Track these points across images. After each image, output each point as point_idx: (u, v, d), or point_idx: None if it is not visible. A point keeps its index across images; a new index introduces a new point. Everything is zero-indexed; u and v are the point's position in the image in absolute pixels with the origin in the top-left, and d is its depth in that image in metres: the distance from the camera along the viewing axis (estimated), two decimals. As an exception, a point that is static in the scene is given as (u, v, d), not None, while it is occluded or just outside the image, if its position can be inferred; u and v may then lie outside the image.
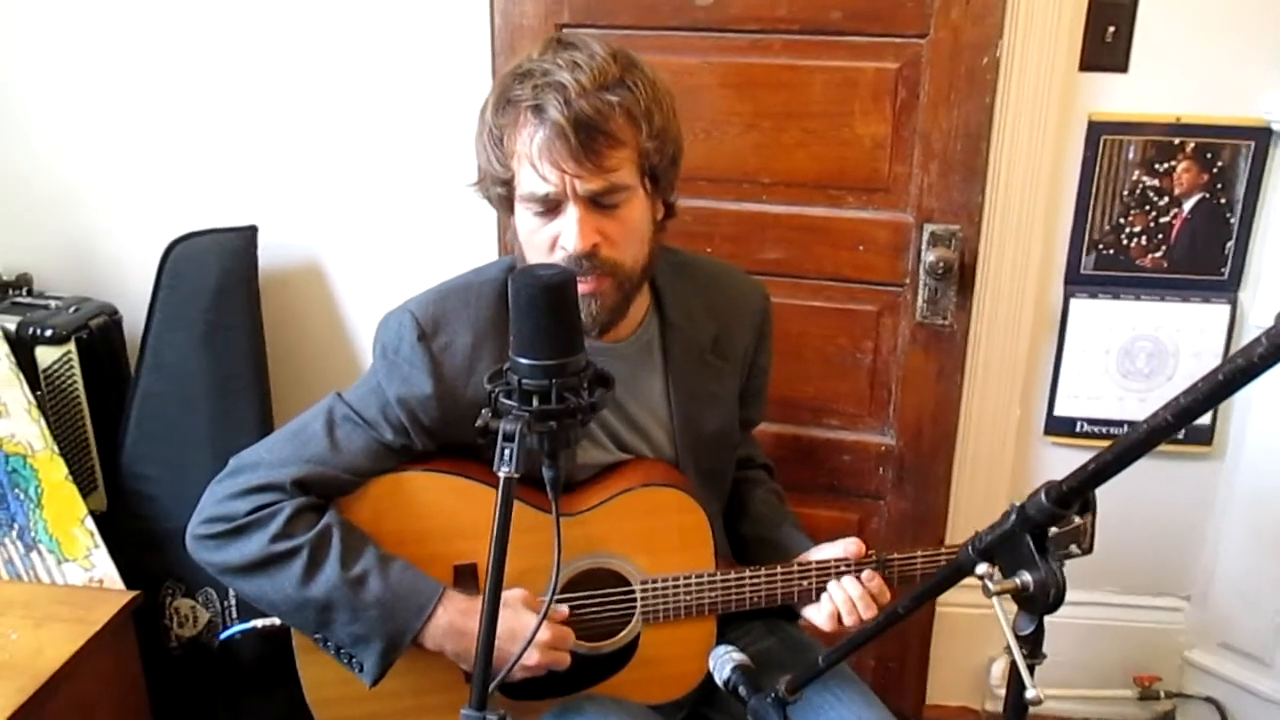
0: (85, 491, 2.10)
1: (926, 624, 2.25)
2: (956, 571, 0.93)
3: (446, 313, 1.42)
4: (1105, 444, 2.09)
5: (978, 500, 2.21)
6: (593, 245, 1.31)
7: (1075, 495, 0.82)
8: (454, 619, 1.37)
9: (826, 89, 1.98)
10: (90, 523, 1.95)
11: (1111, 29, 1.94)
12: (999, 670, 2.31)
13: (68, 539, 1.93)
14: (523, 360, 1.10)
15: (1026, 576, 0.87)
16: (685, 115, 1.99)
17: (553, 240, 1.32)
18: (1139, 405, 2.13)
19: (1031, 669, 0.90)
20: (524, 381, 1.10)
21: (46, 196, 2.31)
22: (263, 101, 2.19)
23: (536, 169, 1.29)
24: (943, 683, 2.34)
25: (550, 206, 1.32)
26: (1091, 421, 2.15)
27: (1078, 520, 1.51)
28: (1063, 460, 2.17)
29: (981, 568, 0.89)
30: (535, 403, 1.10)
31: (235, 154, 2.23)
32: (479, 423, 1.12)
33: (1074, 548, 1.53)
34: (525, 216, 1.35)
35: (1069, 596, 2.35)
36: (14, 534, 1.90)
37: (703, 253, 2.04)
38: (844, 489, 2.21)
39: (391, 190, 2.19)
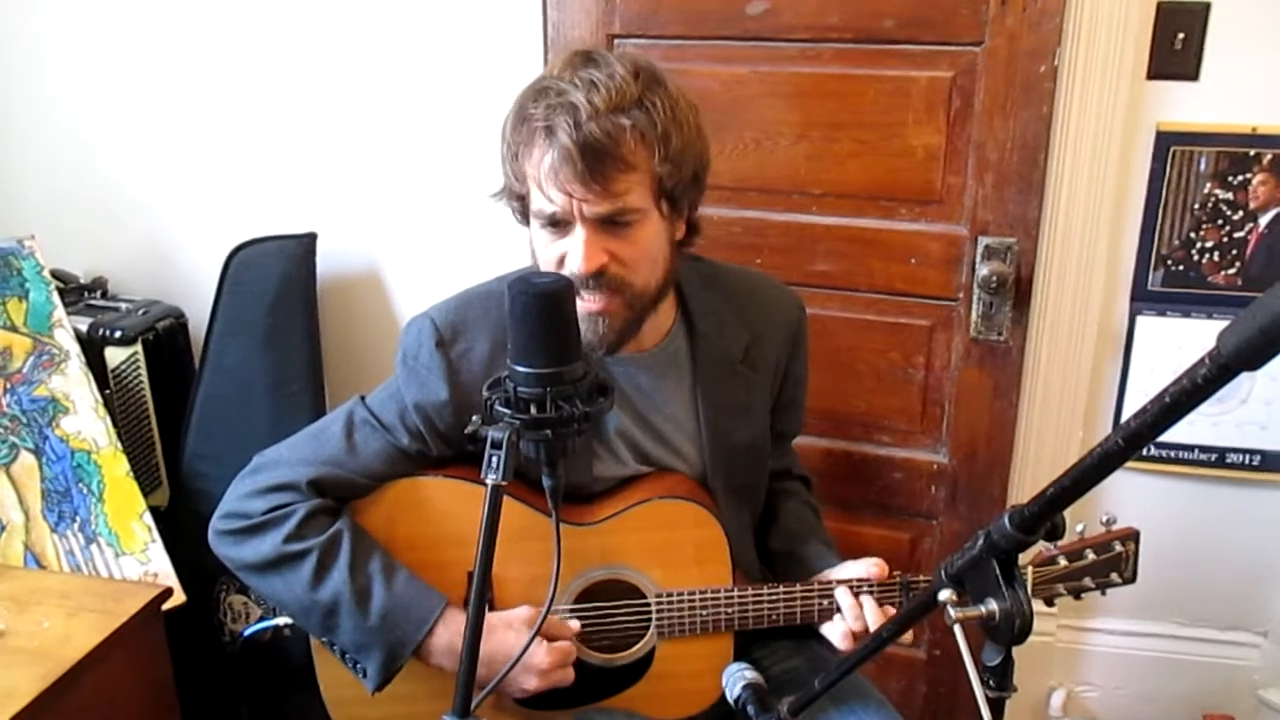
0: (149, 488, 2.18)
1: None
2: (932, 597, 0.89)
3: (466, 320, 1.43)
4: (1173, 469, 2.04)
5: (1036, 523, 2.13)
6: (599, 266, 1.29)
7: (1038, 521, 0.78)
8: (454, 639, 1.37)
9: (879, 98, 1.94)
10: (149, 518, 2.01)
11: (1181, 35, 1.85)
12: (1058, 700, 2.22)
13: (126, 533, 1.99)
14: (519, 368, 1.11)
15: (993, 605, 0.83)
16: (735, 125, 2.02)
17: (560, 257, 1.32)
18: (1211, 429, 2.03)
19: (1000, 703, 0.85)
20: (519, 390, 1.11)
21: (122, 206, 2.42)
22: (322, 114, 2.25)
23: (544, 190, 1.28)
24: (999, 711, 2.26)
25: (559, 224, 1.31)
26: (1160, 445, 2.05)
27: (1119, 548, 1.47)
28: (1127, 485, 2.08)
29: (943, 594, 0.85)
30: (531, 411, 1.10)
31: (296, 164, 2.29)
32: (468, 429, 1.13)
33: (1114, 576, 1.48)
34: (537, 230, 1.34)
35: (1136, 627, 2.27)
36: (76, 526, 1.98)
37: (752, 264, 2.03)
38: (895, 507, 2.16)
39: (447, 199, 2.23)
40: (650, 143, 1.28)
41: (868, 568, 1.46)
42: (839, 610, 1.43)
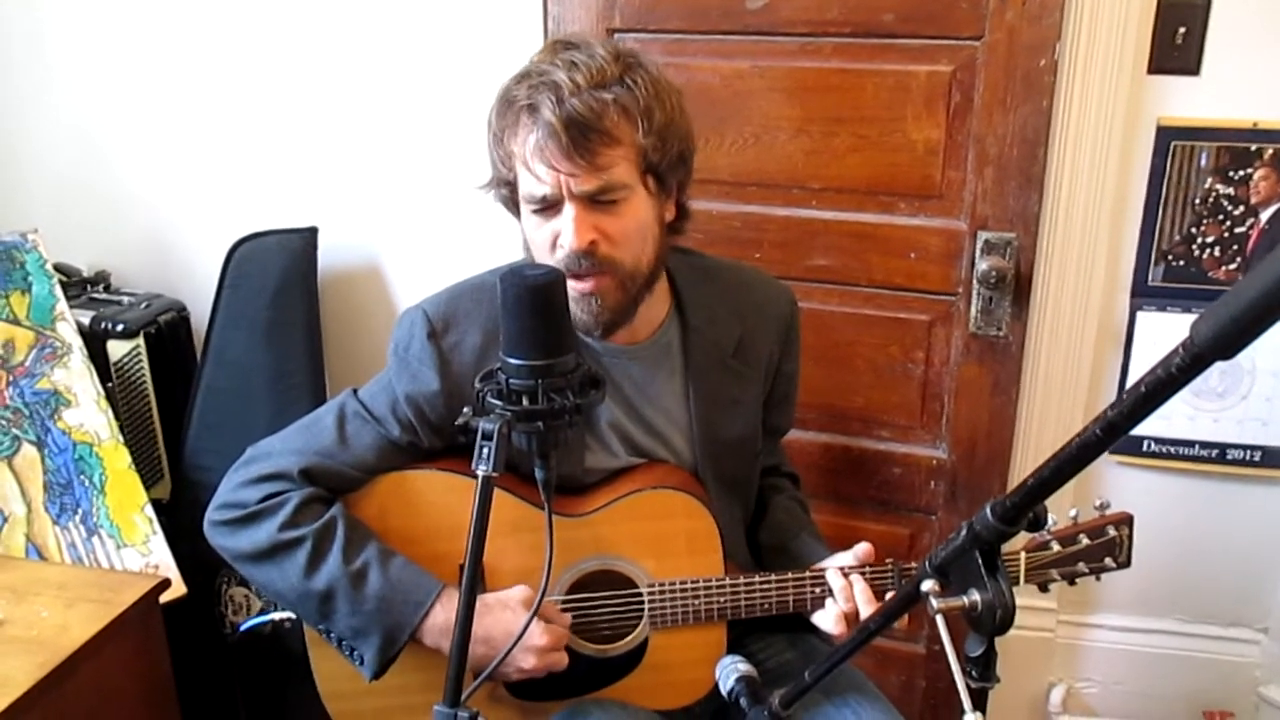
0: (151, 481, 2.20)
1: (980, 645, 2.18)
2: (916, 588, 0.89)
3: (458, 312, 1.44)
4: (1174, 464, 2.03)
5: (1036, 519, 2.13)
6: (590, 243, 1.31)
7: (1019, 511, 0.78)
8: (451, 618, 1.37)
9: (878, 93, 1.94)
10: (150, 510, 2.02)
11: (1182, 29, 1.84)
12: (1058, 696, 2.22)
13: (128, 525, 2.00)
14: (511, 360, 1.11)
15: (975, 596, 0.83)
16: (734, 120, 2.02)
17: (553, 239, 1.33)
18: (1211, 425, 2.02)
19: (982, 693, 0.85)
20: (511, 381, 1.12)
21: (125, 200, 2.44)
22: (324, 109, 2.26)
23: (532, 169, 1.30)
24: (998, 707, 2.26)
25: (549, 206, 1.32)
26: (1160, 441, 2.05)
27: (1112, 532, 1.47)
28: (1128, 481, 2.08)
29: (926, 584, 0.85)
30: (523, 403, 1.11)
31: (297, 158, 2.30)
32: (459, 421, 1.13)
33: (1109, 560, 1.48)
34: (528, 216, 1.36)
35: (1136, 623, 2.27)
36: (78, 519, 1.99)
37: (751, 259, 2.03)
38: (894, 503, 2.15)
39: (448, 193, 2.23)
40: (633, 117, 1.30)
41: (855, 554, 1.46)
42: (830, 594, 1.43)
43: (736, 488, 1.59)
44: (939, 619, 0.83)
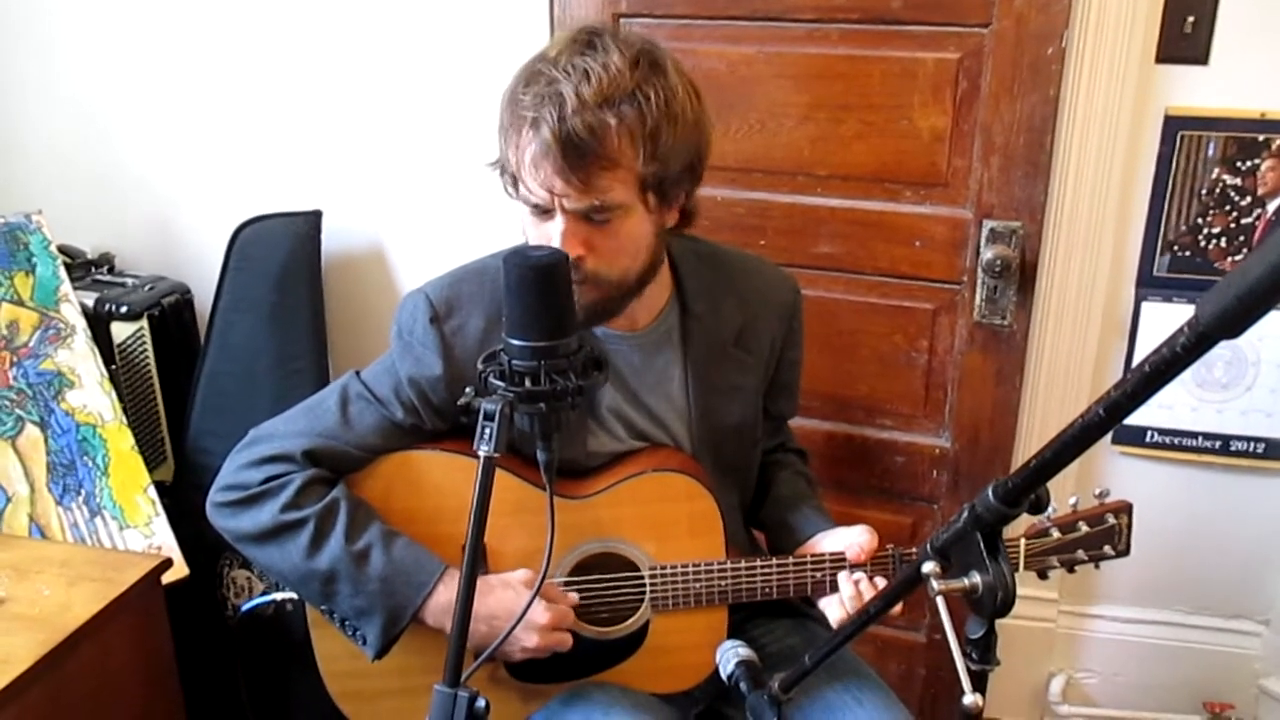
0: (154, 463, 2.20)
1: (981, 635, 2.18)
2: (917, 570, 0.89)
3: (461, 295, 1.44)
4: (1176, 455, 2.02)
5: (1038, 509, 2.13)
6: (577, 257, 1.28)
7: (1021, 493, 0.78)
8: (454, 598, 1.37)
9: (885, 80, 1.93)
10: (153, 492, 2.02)
11: (1191, 19, 1.84)
12: (1058, 686, 2.22)
13: (131, 506, 2.01)
14: (513, 341, 1.12)
15: (976, 578, 0.83)
16: (741, 106, 2.02)
17: (547, 240, 1.32)
18: (1215, 416, 2.02)
19: (982, 676, 0.85)
20: (514, 363, 1.12)
21: (129, 182, 2.44)
22: (328, 93, 2.26)
23: (524, 181, 1.28)
24: (999, 696, 2.26)
25: (543, 211, 1.31)
26: (1163, 432, 2.05)
27: (1111, 520, 1.47)
28: (1130, 471, 2.07)
29: (927, 566, 0.85)
30: (525, 384, 1.11)
31: (302, 142, 2.30)
32: (461, 401, 1.13)
33: (1108, 548, 1.48)
34: (524, 210, 1.35)
35: (1137, 614, 2.27)
36: (81, 499, 1.99)
37: (756, 246, 2.03)
38: (896, 491, 2.15)
39: (452, 177, 2.23)
40: (637, 141, 1.25)
41: (859, 534, 1.46)
42: (839, 593, 1.43)
43: (734, 474, 1.59)
44: (939, 600, 0.83)
